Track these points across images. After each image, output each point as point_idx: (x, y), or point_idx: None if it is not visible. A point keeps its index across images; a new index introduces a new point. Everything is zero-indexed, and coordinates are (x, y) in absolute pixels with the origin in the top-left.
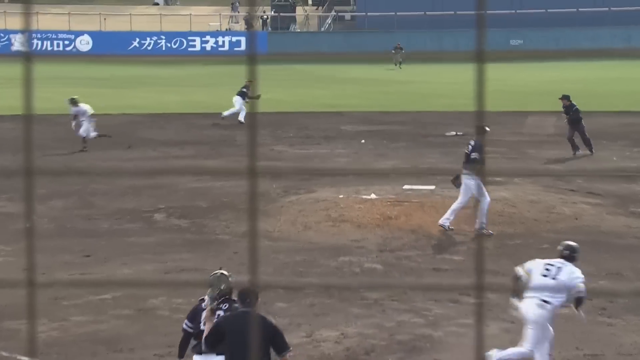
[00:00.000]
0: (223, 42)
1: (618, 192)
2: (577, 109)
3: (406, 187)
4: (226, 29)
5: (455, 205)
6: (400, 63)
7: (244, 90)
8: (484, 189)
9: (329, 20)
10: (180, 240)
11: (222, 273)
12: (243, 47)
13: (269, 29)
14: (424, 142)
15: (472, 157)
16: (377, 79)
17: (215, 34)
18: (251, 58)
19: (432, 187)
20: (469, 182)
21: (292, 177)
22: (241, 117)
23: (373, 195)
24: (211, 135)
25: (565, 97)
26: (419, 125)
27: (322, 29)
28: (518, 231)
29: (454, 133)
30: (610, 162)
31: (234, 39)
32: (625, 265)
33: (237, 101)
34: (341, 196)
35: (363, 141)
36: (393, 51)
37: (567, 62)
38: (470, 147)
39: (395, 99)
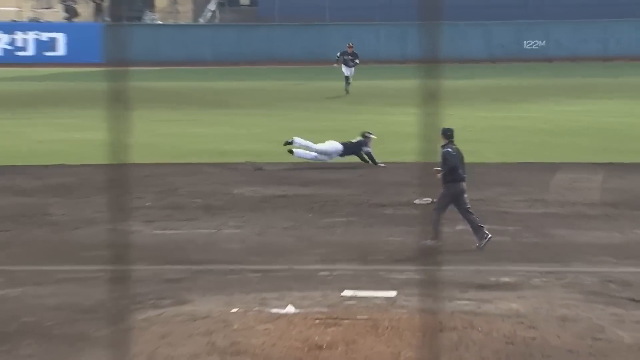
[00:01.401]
0: (25, 41)
1: None
2: (446, 153)
3: (348, 293)
4: (30, 19)
5: None
6: (347, 86)
7: (363, 147)
8: None
9: (211, 6)
10: None
11: None
12: (63, 51)
13: (107, 18)
14: (379, 214)
15: None
16: (301, 107)
17: (9, 27)
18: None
19: (392, 293)
20: None
21: (150, 277)
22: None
23: (290, 309)
24: (5, 205)
25: (443, 132)
26: (371, 187)
27: (201, 20)
28: None
29: (429, 200)
30: None
31: (45, 36)
32: None
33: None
34: (235, 310)
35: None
36: (338, 57)
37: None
38: None
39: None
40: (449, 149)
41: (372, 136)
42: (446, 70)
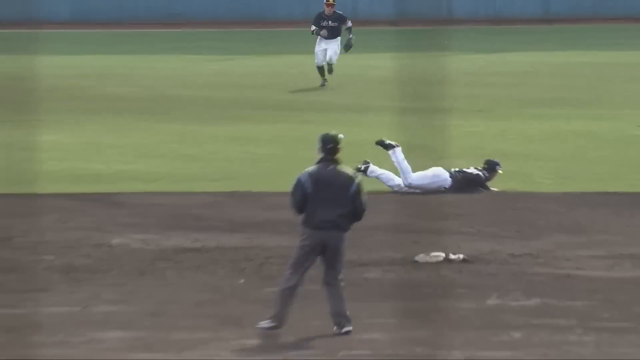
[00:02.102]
0: None
1: None
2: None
3: None
4: None
5: None
6: (329, 67)
7: (482, 182)
8: None
9: None
10: None
11: None
12: None
13: None
14: (357, 280)
15: None
16: (224, 100)
17: None
18: None
19: None
20: None
21: None
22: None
23: None
24: None
25: (320, 142)
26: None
27: None
28: None
29: (442, 256)
30: None
31: None
32: None
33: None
34: None
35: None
36: (313, 29)
37: None
38: None
39: (288, 160)
40: (305, 174)
41: (500, 171)
42: (471, 37)
